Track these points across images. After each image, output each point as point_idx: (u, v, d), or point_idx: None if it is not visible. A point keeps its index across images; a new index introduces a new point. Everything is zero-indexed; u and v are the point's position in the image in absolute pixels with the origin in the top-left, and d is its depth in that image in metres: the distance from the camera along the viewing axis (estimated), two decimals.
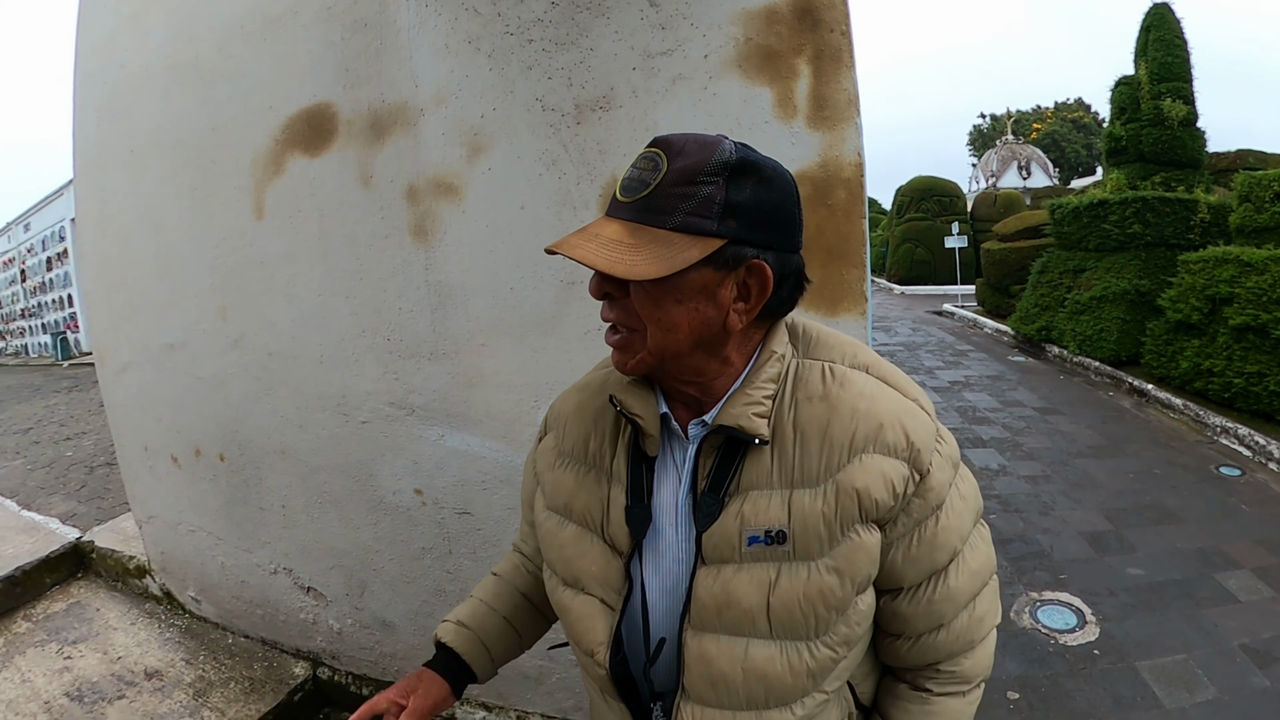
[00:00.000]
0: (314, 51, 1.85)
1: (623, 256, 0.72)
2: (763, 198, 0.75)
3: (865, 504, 0.77)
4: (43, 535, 3.62)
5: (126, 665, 2.59)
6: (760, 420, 0.79)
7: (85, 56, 2.54)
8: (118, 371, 2.68)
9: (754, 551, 0.78)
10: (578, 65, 1.56)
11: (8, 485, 5.23)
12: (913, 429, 0.79)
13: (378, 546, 2.04)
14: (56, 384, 11.40)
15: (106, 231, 2.57)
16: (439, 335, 1.77)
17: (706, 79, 1.45)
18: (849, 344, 0.86)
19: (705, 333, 0.78)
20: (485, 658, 1.05)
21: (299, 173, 1.93)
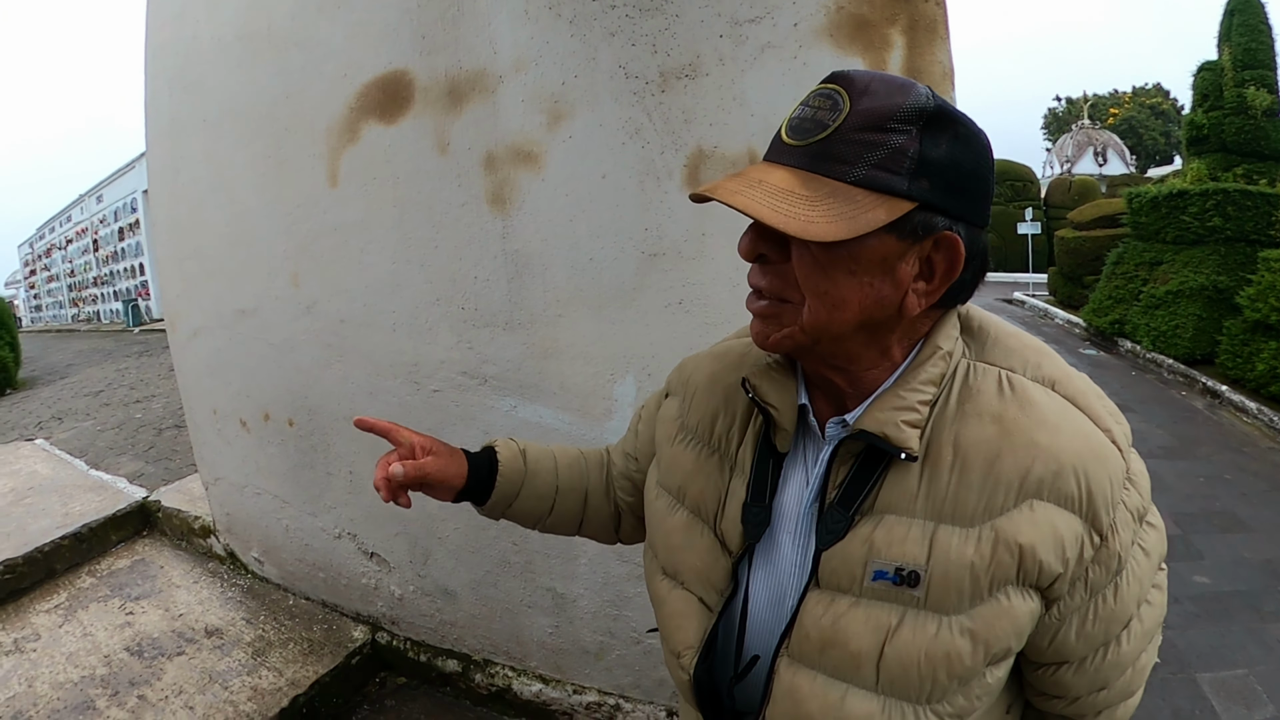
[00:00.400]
0: (389, 18, 1.84)
1: (796, 210, 0.60)
2: (959, 157, 0.62)
3: (1027, 564, 0.63)
4: (110, 494, 3.74)
5: (187, 622, 2.65)
6: (912, 431, 0.66)
7: (156, 30, 2.58)
8: (189, 336, 2.74)
9: (877, 588, 0.66)
10: (662, 32, 1.51)
11: (78, 445, 5.43)
12: (1096, 478, 0.63)
13: (443, 515, 2.05)
14: (127, 349, 11.84)
15: (179, 200, 2.61)
16: (515, 305, 1.76)
17: (796, 48, 1.39)
18: (1033, 349, 0.72)
19: (876, 314, 0.66)
20: (509, 494, 0.99)
21: (374, 140, 1.93)
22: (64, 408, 7.86)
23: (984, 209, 0.66)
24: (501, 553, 2.00)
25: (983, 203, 0.66)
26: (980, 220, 0.66)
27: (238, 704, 2.15)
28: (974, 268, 0.68)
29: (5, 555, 3.12)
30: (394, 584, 2.29)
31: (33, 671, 2.47)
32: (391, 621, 2.37)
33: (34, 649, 2.63)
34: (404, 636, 2.35)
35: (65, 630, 2.73)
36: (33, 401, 9.44)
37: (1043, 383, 0.68)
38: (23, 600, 3.03)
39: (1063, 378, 0.69)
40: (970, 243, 0.65)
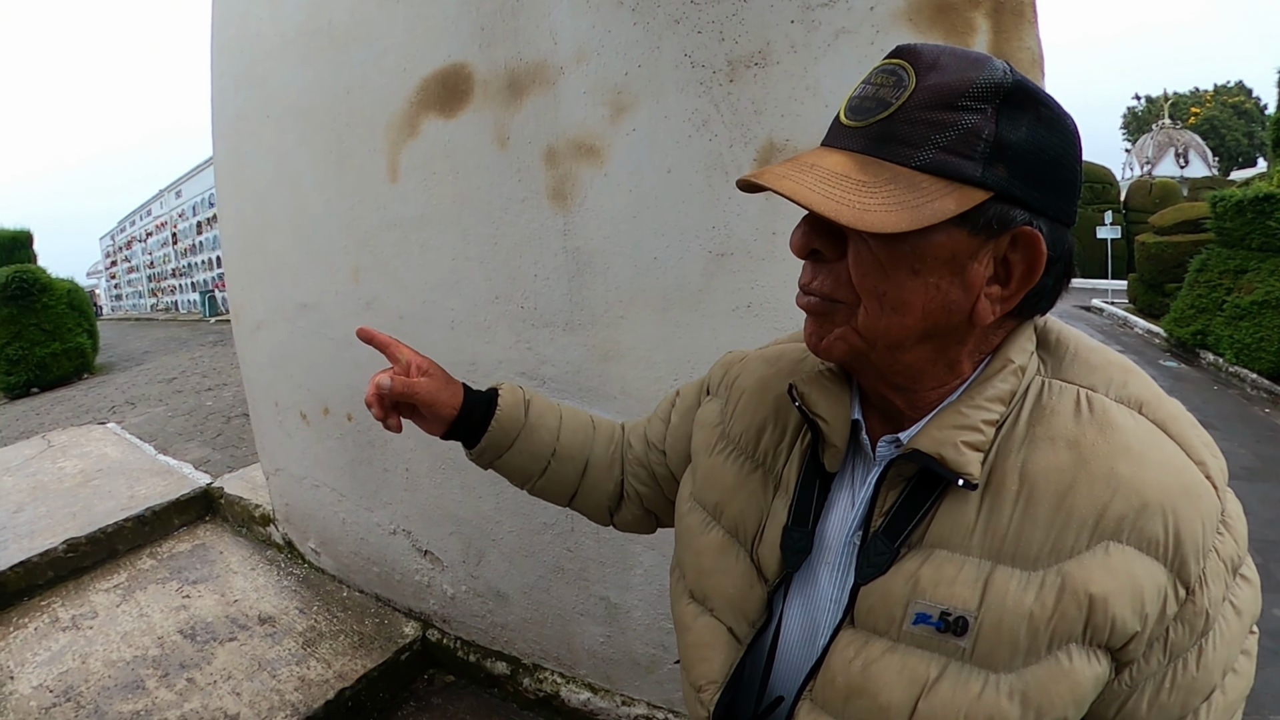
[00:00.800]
0: (448, 11, 1.81)
1: (850, 197, 0.53)
2: (1042, 142, 0.54)
3: (1097, 620, 0.53)
4: (175, 479, 3.87)
5: (242, 609, 2.70)
6: (972, 455, 0.57)
7: (221, 28, 2.62)
8: (252, 329, 2.78)
9: (918, 633, 0.57)
10: (730, 18, 1.42)
11: (148, 430, 5.63)
12: (1187, 519, 0.53)
13: (499, 517, 2.02)
14: (202, 338, 12.33)
15: (244, 196, 2.66)
16: (575, 305, 1.71)
17: (873, 33, 1.29)
18: (1118, 366, 0.61)
19: (942, 322, 0.57)
20: (502, 444, 0.92)
21: (434, 134, 1.90)
22: (137, 393, 8.19)
23: (1070, 203, 0.58)
24: (555, 558, 1.96)
25: (1069, 196, 0.57)
26: (1066, 217, 0.58)
27: (284, 693, 2.17)
28: (1057, 272, 0.59)
29: (70, 534, 3.24)
30: (447, 583, 2.27)
31: (87, 648, 2.55)
32: (443, 620, 2.36)
33: (91, 626, 2.71)
34: (454, 635, 2.34)
35: (122, 610, 2.82)
36: (108, 386, 9.88)
37: (1128, 404, 0.58)
38: (84, 578, 3.15)
39: (1152, 400, 0.59)
40: (1054, 242, 0.57)
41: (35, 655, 2.55)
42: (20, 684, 2.38)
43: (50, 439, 5.35)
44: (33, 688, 2.35)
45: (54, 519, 3.50)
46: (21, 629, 2.77)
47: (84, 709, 2.20)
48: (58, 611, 2.87)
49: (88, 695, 2.27)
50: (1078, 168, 0.58)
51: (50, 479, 4.24)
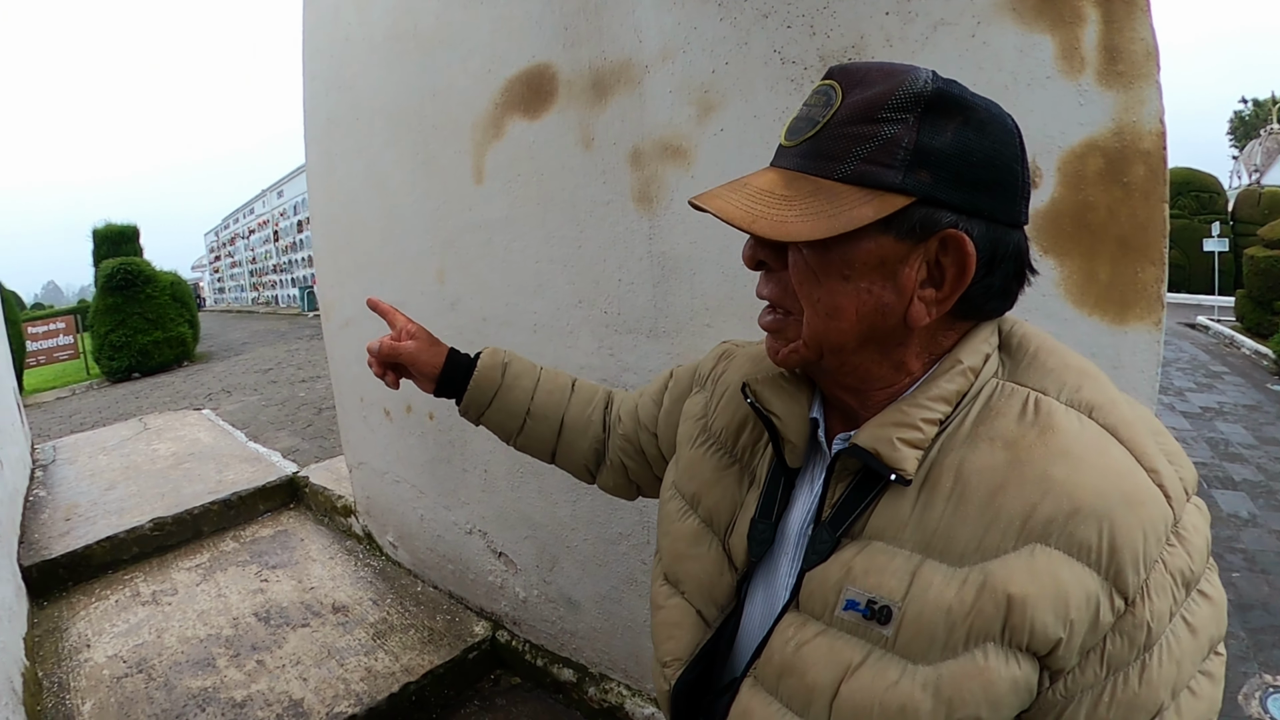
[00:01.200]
0: (531, 11, 1.80)
1: (770, 210, 0.57)
2: (970, 145, 0.55)
3: (1014, 620, 0.52)
4: (263, 466, 4.04)
5: (317, 596, 2.78)
6: (909, 451, 0.59)
7: (311, 32, 2.71)
8: (340, 326, 2.86)
9: (847, 619, 0.59)
10: (821, 11, 1.35)
11: (241, 418, 5.90)
12: (1124, 526, 0.52)
13: (574, 524, 2.00)
14: (300, 331, 12.91)
15: (334, 195, 2.73)
16: (660, 311, 1.67)
17: (974, 24, 1.20)
18: (1077, 369, 0.61)
19: (878, 324, 0.60)
20: (481, 401, 1.05)
21: (518, 136, 1.90)
22: (233, 382, 8.62)
23: (1010, 203, 0.59)
24: (629, 569, 1.92)
25: (1007, 196, 0.58)
26: (1006, 216, 0.59)
27: (350, 682, 2.21)
28: (1005, 272, 0.60)
29: (157, 513, 3.42)
30: (519, 586, 2.27)
31: (164, 624, 2.66)
32: (513, 622, 2.36)
33: (169, 603, 2.84)
34: (524, 639, 2.34)
35: (201, 589, 2.94)
36: (206, 374, 10.44)
37: (1078, 407, 0.58)
38: (167, 556, 3.32)
39: (1105, 404, 0.58)
40: (990, 242, 0.58)
41: (113, 626, 2.69)
42: (96, 652, 2.51)
43: (146, 422, 5.68)
44: (107, 657, 2.47)
45: (143, 498, 3.70)
46: (103, 600, 2.93)
47: (154, 681, 2.29)
48: (139, 586, 3.02)
49: (159, 668, 2.36)
50: (1017, 167, 0.58)
51: (143, 460, 4.51)
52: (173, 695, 2.21)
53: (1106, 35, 1.11)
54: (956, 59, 1.22)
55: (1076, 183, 1.12)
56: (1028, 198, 0.61)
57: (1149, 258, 1.11)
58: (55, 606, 2.92)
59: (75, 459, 4.76)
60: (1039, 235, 1.15)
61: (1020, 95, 1.14)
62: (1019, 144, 0.59)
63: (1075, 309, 1.15)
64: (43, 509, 3.74)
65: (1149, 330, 1.12)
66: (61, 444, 5.32)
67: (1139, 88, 1.09)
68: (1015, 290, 0.63)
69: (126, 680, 2.32)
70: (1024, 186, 0.60)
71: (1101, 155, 1.12)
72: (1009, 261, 0.60)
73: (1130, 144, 1.10)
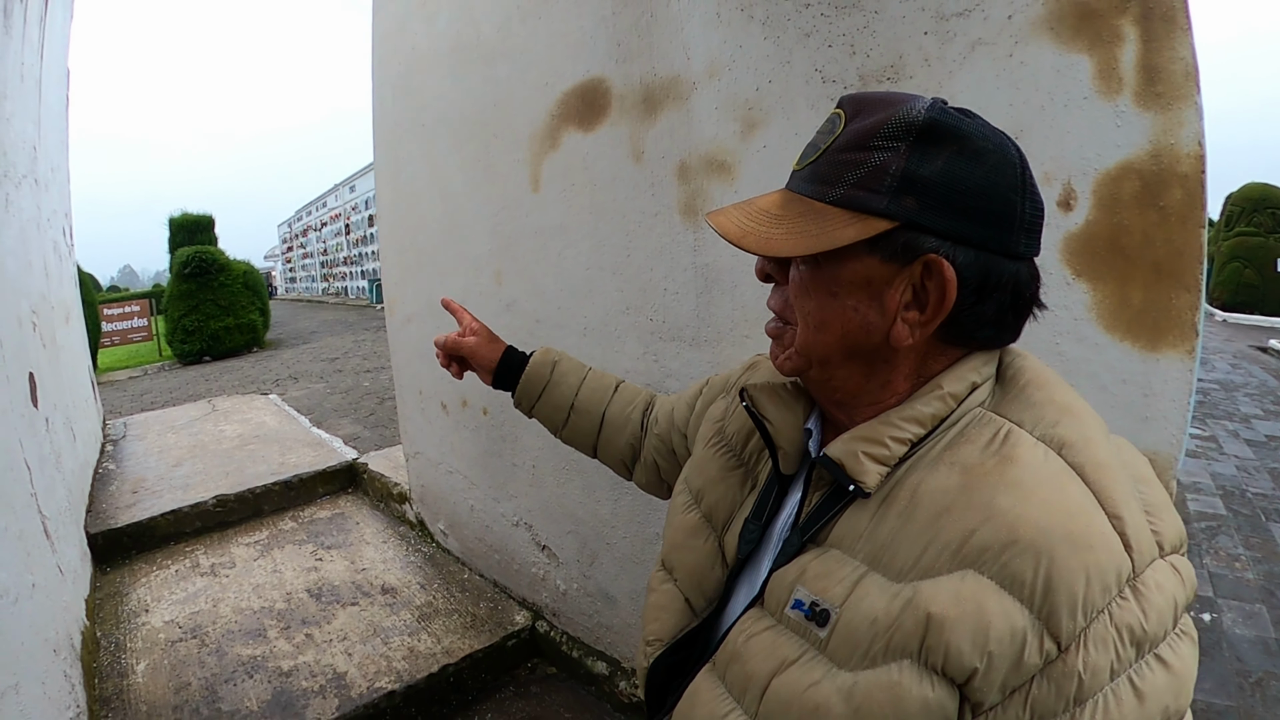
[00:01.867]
0: (586, 27, 1.87)
1: (762, 229, 0.62)
2: (959, 173, 0.57)
3: (930, 641, 0.52)
4: (325, 451, 4.20)
5: (368, 577, 2.88)
6: (872, 466, 0.61)
7: (380, 41, 2.84)
8: (403, 321, 2.99)
9: (792, 618, 0.62)
10: (861, 30, 1.38)
11: (306, 404, 6.15)
12: (1064, 566, 0.50)
13: (615, 522, 2.07)
14: (367, 323, 13.28)
15: (400, 196, 2.86)
16: (702, 320, 1.72)
17: (1011, 44, 1.20)
18: (1058, 406, 0.60)
19: (861, 341, 0.63)
20: (531, 394, 1.19)
21: (573, 147, 1.98)
22: (301, 369, 8.96)
23: (1002, 233, 0.59)
24: None
25: (999, 225, 0.59)
26: (999, 246, 0.59)
27: (392, 660, 2.29)
28: (997, 300, 0.61)
29: (221, 491, 3.61)
30: (560, 578, 2.35)
31: (220, 594, 2.81)
32: (553, 613, 2.44)
33: (227, 575, 2.99)
34: (562, 630, 2.41)
35: (258, 564, 3.08)
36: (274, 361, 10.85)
37: (1048, 442, 0.58)
38: (228, 531, 3.49)
39: (1078, 442, 0.57)
40: (979, 270, 0.59)
41: (172, 594, 2.84)
42: (154, 617, 2.66)
43: (215, 404, 5.94)
44: (164, 622, 2.61)
45: (208, 475, 3.90)
46: (164, 569, 3.10)
47: (207, 646, 2.42)
48: (199, 558, 3.19)
49: (213, 635, 2.49)
50: (1015, 198, 0.59)
51: (210, 439, 4.73)
52: (223, 660, 2.32)
53: (1145, 55, 1.10)
54: (993, 79, 1.23)
55: (1112, 206, 1.12)
56: (1030, 228, 0.61)
57: (1184, 284, 1.10)
58: (118, 573, 3.08)
59: (145, 436, 4.98)
60: (1072, 258, 1.16)
61: (1057, 116, 1.15)
62: (1020, 175, 0.59)
63: (1107, 334, 1.15)
64: (111, 481, 3.94)
65: (1182, 358, 1.11)
66: (132, 421, 5.56)
67: (1177, 109, 1.08)
68: (1013, 321, 0.63)
69: (180, 644, 2.44)
70: (1023, 217, 0.60)
71: (1138, 178, 1.11)
72: (1003, 292, 0.60)
73: (1167, 167, 1.09)
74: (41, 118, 3.55)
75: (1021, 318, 0.64)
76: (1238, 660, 2.80)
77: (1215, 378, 8.69)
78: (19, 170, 2.86)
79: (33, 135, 3.28)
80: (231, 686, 2.19)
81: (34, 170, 3.30)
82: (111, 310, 14.97)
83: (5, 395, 2.01)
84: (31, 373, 2.56)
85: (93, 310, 12.56)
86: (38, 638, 1.76)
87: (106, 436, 5.01)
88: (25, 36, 2.91)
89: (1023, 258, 0.61)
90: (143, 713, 2.09)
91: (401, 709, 2.15)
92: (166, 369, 12.73)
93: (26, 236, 3.00)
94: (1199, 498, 4.59)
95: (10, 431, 1.99)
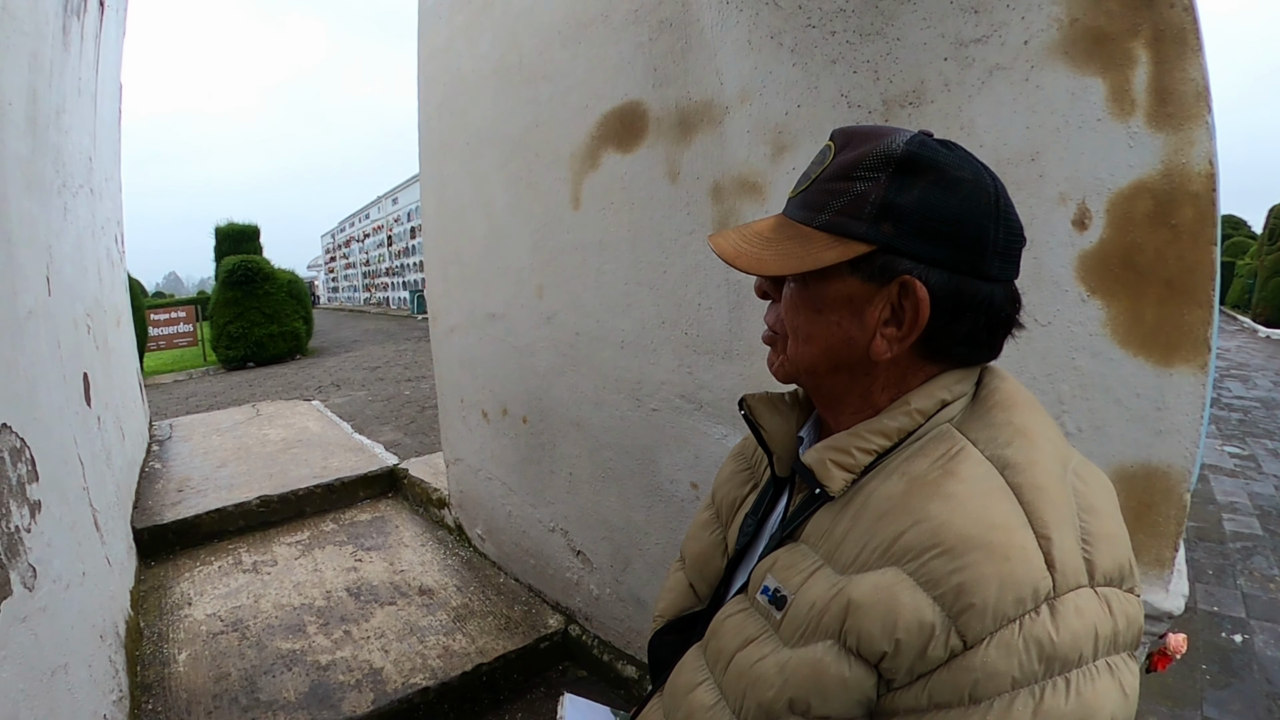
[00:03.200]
0: (624, 52, 1.94)
1: (754, 250, 0.69)
2: (934, 202, 0.62)
3: (849, 623, 0.59)
4: (366, 456, 4.31)
5: (406, 578, 2.95)
6: (838, 473, 0.67)
7: (426, 62, 2.96)
8: (446, 332, 3.10)
9: (760, 602, 0.70)
10: (884, 57, 1.43)
11: (348, 410, 6.30)
12: (979, 573, 0.54)
13: (648, 529, 2.13)
14: (409, 333, 13.47)
15: (445, 211, 2.97)
16: (734, 335, 1.79)
17: (1028, 69, 1.24)
18: (1015, 429, 0.64)
19: (844, 354, 0.69)
20: None
21: (612, 167, 2.05)
22: (343, 376, 9.16)
23: (977, 257, 0.64)
24: None
25: (973, 250, 0.63)
26: (971, 269, 0.64)
27: (427, 658, 2.35)
28: (971, 320, 0.65)
29: (264, 492, 3.73)
30: (594, 583, 2.41)
31: (261, 591, 2.90)
32: (586, 618, 2.49)
33: (269, 573, 3.08)
34: (594, 634, 2.46)
35: (300, 563, 3.18)
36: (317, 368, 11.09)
37: (994, 462, 0.61)
38: (270, 531, 3.60)
39: (1023, 464, 0.60)
40: (952, 291, 0.64)
41: (215, 589, 2.95)
42: (196, 610, 2.76)
43: (259, 408, 6.11)
44: (206, 615, 2.71)
45: (252, 477, 4.03)
46: (207, 565, 3.21)
47: (247, 640, 2.51)
48: (242, 555, 3.30)
49: (253, 629, 2.58)
50: (987, 223, 0.63)
51: (254, 443, 4.88)
52: (263, 654, 2.40)
53: (1157, 77, 1.12)
54: (1011, 102, 1.27)
55: (1125, 224, 1.15)
56: (1004, 253, 0.64)
57: (1196, 300, 1.12)
58: (162, 567, 3.20)
59: (190, 437, 5.16)
60: (1087, 275, 1.19)
61: (1071, 138, 1.19)
62: (994, 203, 0.63)
63: (1121, 349, 1.18)
64: (157, 479, 4.10)
65: (1194, 373, 1.13)
66: (178, 423, 5.75)
67: (1189, 129, 1.10)
68: (987, 340, 0.68)
69: (221, 637, 2.53)
70: (995, 242, 0.63)
71: (1150, 197, 1.13)
72: (977, 312, 0.65)
73: (1179, 186, 1.11)
74: (96, 130, 3.74)
75: (997, 336, 0.69)
76: (1268, 682, 2.75)
77: (1257, 395, 8.40)
78: (76, 180, 3.02)
79: (88, 147, 3.46)
80: (270, 678, 2.26)
81: (89, 180, 3.47)
82: (158, 315, 15.31)
83: (62, 393, 2.13)
84: (86, 373, 2.69)
85: (140, 315, 12.90)
86: (85, 623, 1.86)
87: (153, 437, 5.18)
88: (82, 53, 3.08)
89: (997, 280, 0.65)
90: (183, 700, 2.18)
91: (435, 705, 2.21)
92: (211, 374, 13.05)
93: (82, 243, 3.15)
94: (1236, 517, 4.49)
95: (66, 428, 2.10)
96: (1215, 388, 8.74)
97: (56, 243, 2.43)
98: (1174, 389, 1.14)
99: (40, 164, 2.20)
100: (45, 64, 2.25)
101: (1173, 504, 1.16)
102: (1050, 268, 1.23)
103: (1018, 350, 1.26)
